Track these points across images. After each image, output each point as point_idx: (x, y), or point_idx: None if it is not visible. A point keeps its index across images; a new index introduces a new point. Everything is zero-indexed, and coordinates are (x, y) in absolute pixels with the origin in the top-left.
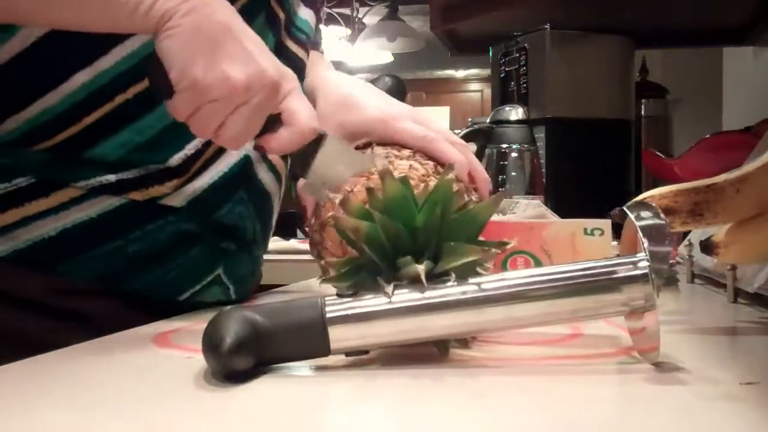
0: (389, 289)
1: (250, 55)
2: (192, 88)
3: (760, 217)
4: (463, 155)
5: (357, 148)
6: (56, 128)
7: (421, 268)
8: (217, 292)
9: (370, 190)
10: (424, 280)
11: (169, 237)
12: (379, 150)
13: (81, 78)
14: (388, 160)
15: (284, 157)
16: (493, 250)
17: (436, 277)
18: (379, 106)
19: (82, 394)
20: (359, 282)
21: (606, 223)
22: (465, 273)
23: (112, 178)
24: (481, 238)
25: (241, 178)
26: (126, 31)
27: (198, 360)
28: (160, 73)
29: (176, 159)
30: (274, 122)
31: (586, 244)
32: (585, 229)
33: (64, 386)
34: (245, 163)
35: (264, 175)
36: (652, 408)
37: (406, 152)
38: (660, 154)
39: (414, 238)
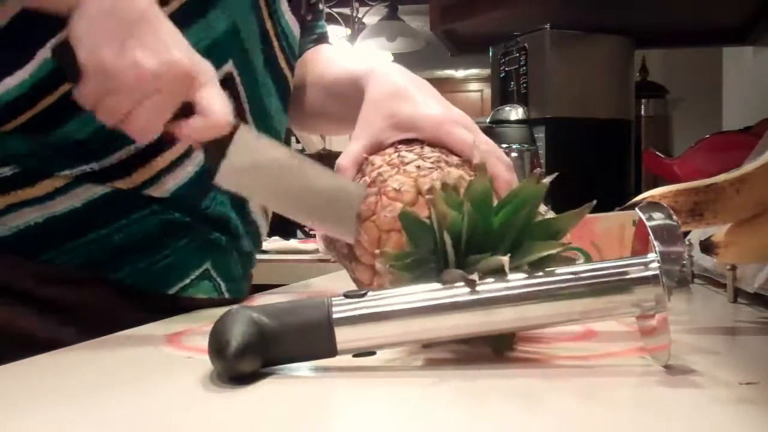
0: (474, 276)
1: (164, 44)
2: (100, 72)
3: (759, 217)
4: (509, 175)
5: (402, 142)
6: (23, 107)
7: (505, 259)
8: (208, 287)
9: (445, 185)
10: (507, 269)
11: (155, 226)
12: (428, 151)
13: (44, 54)
14: (438, 165)
15: None
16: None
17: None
18: (435, 106)
19: (85, 393)
20: (425, 274)
21: None
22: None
23: (95, 166)
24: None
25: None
26: (47, 5)
27: (201, 360)
28: (69, 55)
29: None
30: (187, 111)
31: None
32: (634, 221)
33: (66, 386)
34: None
35: None
36: (652, 408)
37: (455, 159)
38: (660, 154)
39: (487, 236)
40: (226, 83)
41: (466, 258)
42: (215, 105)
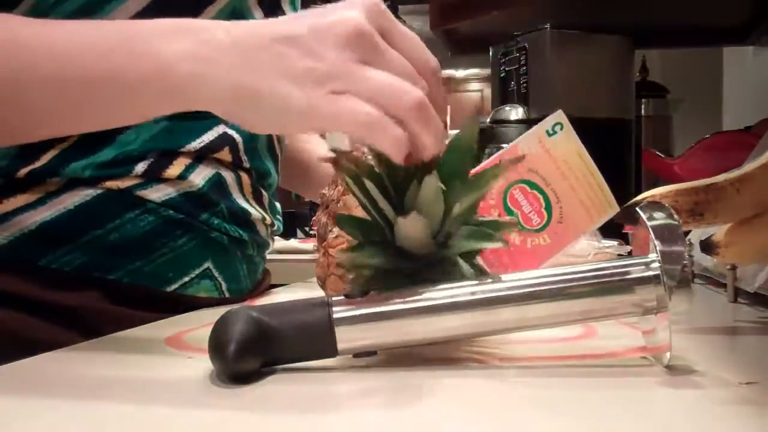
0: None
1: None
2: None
3: (760, 217)
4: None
5: None
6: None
7: (432, 180)
8: (209, 287)
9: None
10: (440, 183)
11: (151, 225)
12: None
13: None
14: None
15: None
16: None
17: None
18: None
19: (85, 393)
20: (386, 255)
21: (558, 114)
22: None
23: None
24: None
25: (216, 194)
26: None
27: (202, 360)
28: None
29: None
30: None
31: (555, 145)
32: (547, 131)
33: (66, 386)
34: (218, 179)
35: (243, 203)
36: (652, 408)
37: None
38: (660, 154)
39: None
40: (225, 139)
41: (402, 207)
42: None
